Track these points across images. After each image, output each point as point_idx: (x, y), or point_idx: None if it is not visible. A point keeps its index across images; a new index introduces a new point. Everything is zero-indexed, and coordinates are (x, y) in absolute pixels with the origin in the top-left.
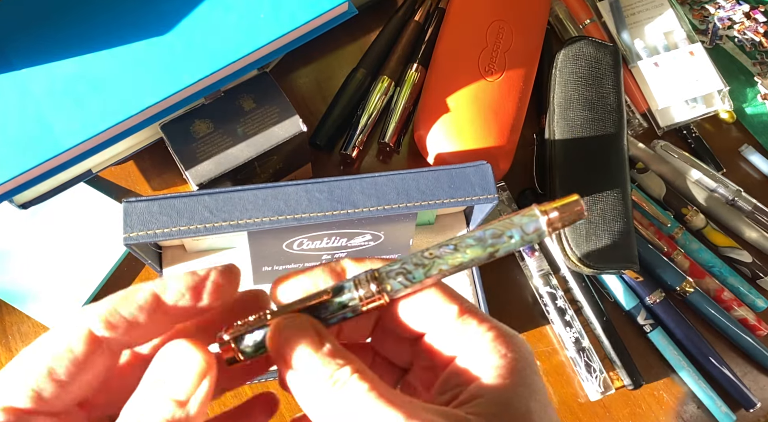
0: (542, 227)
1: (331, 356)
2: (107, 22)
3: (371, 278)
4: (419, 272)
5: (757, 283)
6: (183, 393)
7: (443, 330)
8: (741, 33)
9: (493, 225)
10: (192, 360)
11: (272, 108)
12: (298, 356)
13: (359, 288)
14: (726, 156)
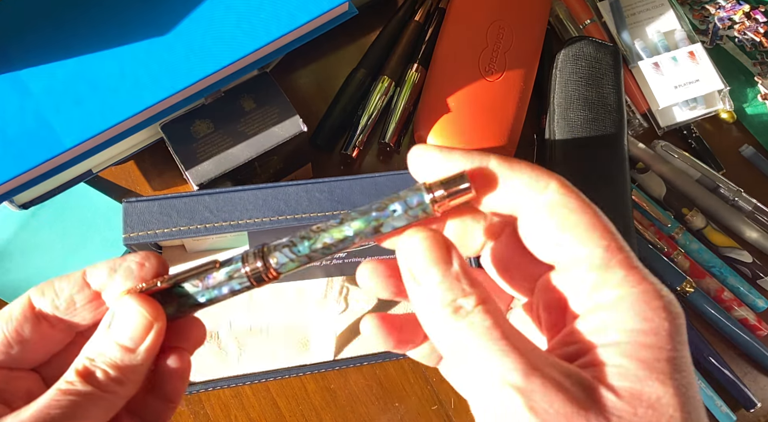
0: (425, 201)
1: (457, 279)
2: (107, 21)
3: (258, 253)
4: (304, 245)
5: (757, 283)
6: (131, 341)
7: (581, 268)
8: (741, 33)
9: (380, 200)
10: (136, 312)
11: (272, 108)
12: (424, 270)
13: (246, 264)
14: (726, 156)
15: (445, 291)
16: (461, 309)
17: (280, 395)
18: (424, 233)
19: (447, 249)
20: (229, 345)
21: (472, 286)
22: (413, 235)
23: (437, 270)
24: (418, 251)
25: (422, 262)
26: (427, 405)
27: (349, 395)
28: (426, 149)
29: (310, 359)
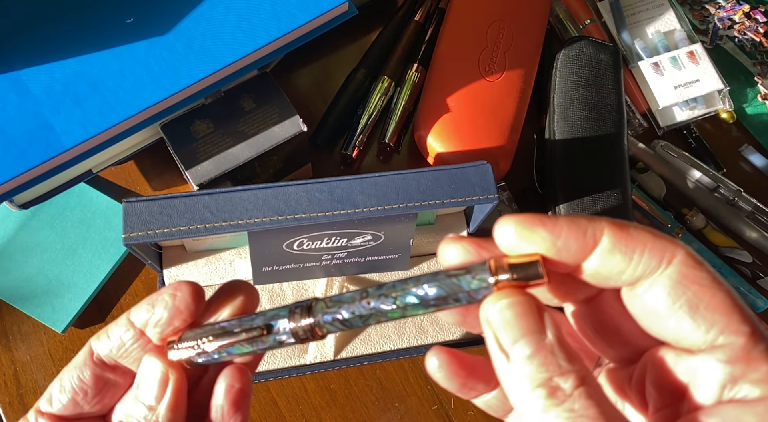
0: (486, 284)
1: (552, 352)
2: (107, 21)
3: (305, 312)
4: (356, 321)
5: (757, 283)
6: (152, 398)
7: (715, 356)
8: (741, 33)
9: (439, 280)
10: (155, 370)
11: (272, 108)
12: (512, 342)
13: (291, 320)
14: (726, 156)
15: (538, 368)
16: (558, 392)
17: (280, 395)
18: (511, 298)
19: (539, 316)
20: None
21: (571, 361)
22: (499, 300)
23: (528, 342)
24: (505, 319)
25: (510, 332)
26: (427, 405)
27: (349, 395)
28: (520, 221)
29: (310, 359)
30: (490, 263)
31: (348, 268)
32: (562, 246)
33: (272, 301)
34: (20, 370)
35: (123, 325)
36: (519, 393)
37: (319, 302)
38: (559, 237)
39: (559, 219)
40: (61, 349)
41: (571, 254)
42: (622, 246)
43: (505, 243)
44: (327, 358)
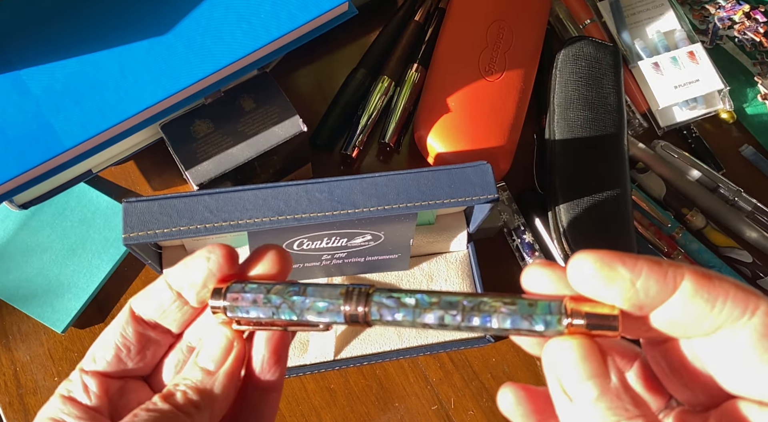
0: (557, 327)
1: (618, 396)
2: (107, 21)
3: (362, 296)
4: (407, 324)
5: (757, 283)
6: (212, 363)
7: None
8: (741, 33)
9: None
10: (221, 336)
11: (272, 108)
12: (577, 383)
13: (346, 303)
14: (726, 156)
15: (605, 411)
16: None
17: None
18: (575, 340)
19: (603, 359)
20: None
21: (637, 405)
22: (563, 342)
23: (594, 384)
24: (570, 361)
25: (575, 374)
26: (427, 405)
27: (349, 395)
28: (599, 258)
29: (310, 359)
30: (566, 306)
31: (348, 268)
32: (641, 288)
33: None
34: (20, 370)
35: (161, 286)
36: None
37: (377, 294)
38: (639, 277)
39: (640, 258)
40: (61, 349)
41: (650, 297)
42: (705, 292)
43: (581, 280)
44: (327, 358)
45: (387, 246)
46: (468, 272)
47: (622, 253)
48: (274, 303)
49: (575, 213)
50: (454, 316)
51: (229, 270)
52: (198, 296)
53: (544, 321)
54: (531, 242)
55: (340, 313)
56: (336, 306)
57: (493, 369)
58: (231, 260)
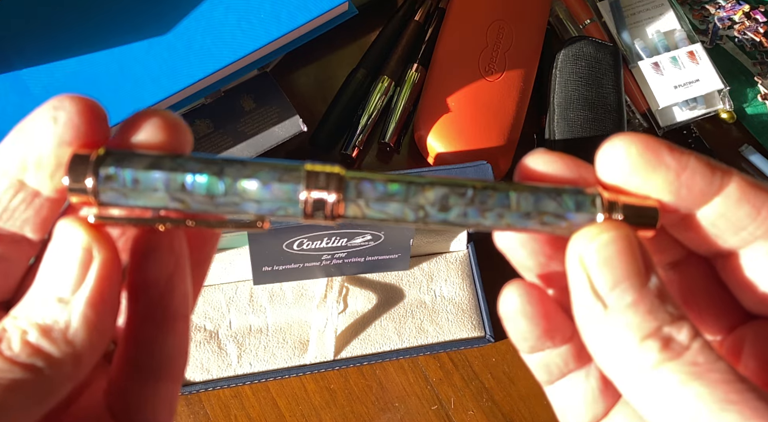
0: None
1: (659, 297)
2: (107, 22)
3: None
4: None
5: None
6: (65, 287)
7: None
8: (741, 33)
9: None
10: (70, 243)
11: (272, 108)
12: (612, 285)
13: (308, 200)
14: (726, 156)
15: (645, 315)
16: (673, 343)
17: (280, 395)
18: (613, 232)
19: (644, 255)
20: (229, 346)
21: (679, 309)
22: (598, 235)
23: (631, 285)
24: (603, 258)
25: (610, 274)
26: (427, 405)
27: (349, 395)
28: (644, 142)
29: (310, 359)
30: (602, 195)
31: (348, 268)
32: (686, 182)
33: (272, 301)
34: None
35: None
36: (619, 350)
37: (353, 184)
38: (685, 169)
39: (686, 151)
40: None
41: (693, 195)
42: (752, 195)
43: (618, 165)
44: (327, 358)
45: (387, 246)
46: (468, 272)
47: (667, 142)
48: (183, 183)
49: None
50: (463, 195)
51: (95, 132)
52: (52, 178)
53: (576, 203)
54: None
55: (296, 203)
56: (290, 193)
57: (493, 369)
58: (92, 118)
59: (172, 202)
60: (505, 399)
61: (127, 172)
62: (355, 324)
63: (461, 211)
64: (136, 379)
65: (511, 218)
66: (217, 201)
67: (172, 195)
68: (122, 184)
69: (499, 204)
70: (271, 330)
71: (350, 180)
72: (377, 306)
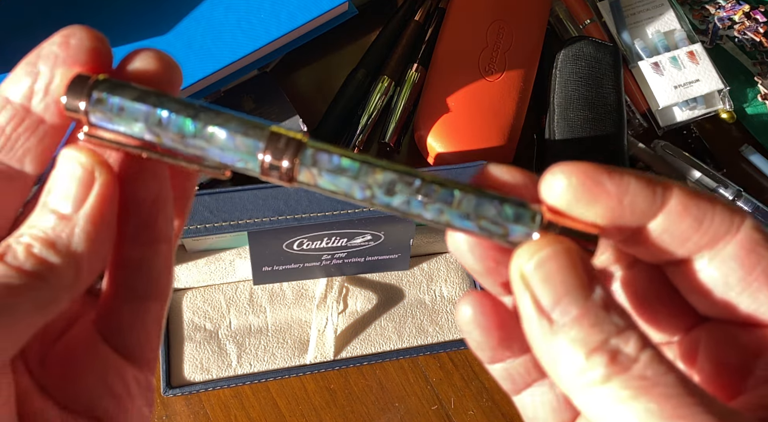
0: (527, 233)
1: (604, 309)
2: (107, 21)
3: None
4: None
5: None
6: (67, 203)
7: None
8: (741, 33)
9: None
10: (74, 165)
11: (272, 108)
12: (556, 301)
13: (267, 155)
14: (726, 156)
15: (590, 330)
16: (620, 356)
17: (280, 395)
18: (552, 247)
19: (585, 268)
20: (229, 346)
21: (625, 318)
22: (538, 251)
23: (574, 299)
24: (545, 274)
25: (553, 289)
26: (427, 405)
27: (349, 395)
28: (583, 170)
29: (310, 359)
30: (544, 214)
31: (348, 268)
32: (628, 206)
33: (272, 301)
34: None
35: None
36: (567, 366)
37: (311, 147)
38: (626, 193)
39: (625, 172)
40: None
41: (636, 215)
42: (692, 209)
43: (561, 195)
44: (327, 358)
45: (387, 246)
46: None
47: (607, 166)
48: (159, 119)
49: None
50: (410, 184)
51: (99, 62)
52: (57, 106)
53: (515, 214)
54: None
55: (255, 157)
56: (251, 148)
57: None
58: (99, 46)
59: (148, 134)
60: (505, 399)
61: (116, 99)
62: (355, 324)
63: (405, 199)
64: (126, 299)
65: (450, 216)
66: (186, 141)
67: (149, 127)
68: (109, 108)
69: (442, 199)
70: (271, 331)
71: (309, 148)
72: (377, 306)
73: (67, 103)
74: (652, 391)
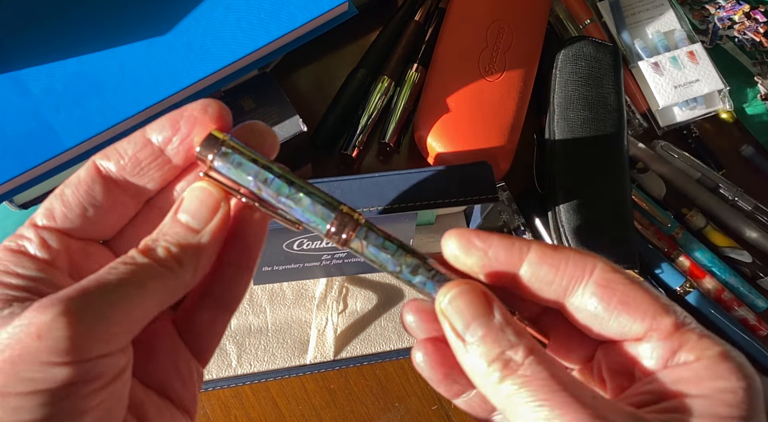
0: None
1: (501, 330)
2: (107, 21)
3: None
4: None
5: (757, 283)
6: (196, 221)
7: (652, 337)
8: (741, 33)
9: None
10: (208, 194)
11: (272, 108)
12: (465, 327)
13: (334, 225)
14: (726, 156)
15: (491, 346)
16: (511, 363)
17: (280, 395)
18: (458, 288)
19: (486, 300)
20: (229, 346)
21: (518, 336)
22: (449, 291)
23: (479, 324)
24: (457, 307)
25: (463, 318)
26: (427, 405)
27: (349, 395)
28: (459, 234)
29: (310, 359)
30: (434, 269)
31: (348, 268)
32: (493, 256)
33: (272, 301)
34: None
35: (138, 142)
36: (478, 373)
37: (365, 230)
38: (490, 247)
39: (493, 235)
40: None
41: (501, 263)
42: (548, 258)
43: (449, 251)
44: (327, 358)
45: None
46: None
47: (479, 230)
48: (266, 178)
49: (575, 213)
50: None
51: (223, 126)
52: (186, 155)
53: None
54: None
55: (325, 225)
56: (324, 216)
57: None
58: (225, 115)
59: (253, 186)
60: None
61: (237, 157)
62: (355, 324)
63: (422, 280)
64: (209, 307)
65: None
66: (279, 199)
67: (256, 182)
68: (231, 161)
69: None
70: (271, 331)
71: (363, 226)
72: (377, 306)
73: (200, 152)
74: (531, 384)
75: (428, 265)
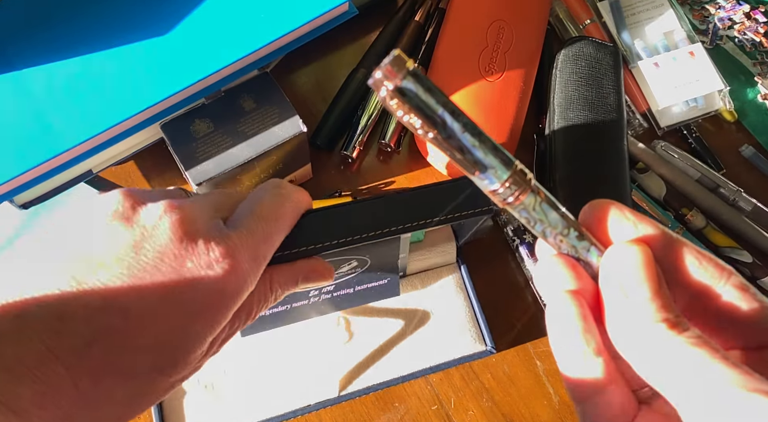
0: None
1: (671, 300)
2: (107, 22)
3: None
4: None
5: (757, 283)
6: (646, 291)
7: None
8: (741, 33)
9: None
10: (633, 255)
11: (272, 108)
12: (636, 284)
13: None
14: (726, 156)
15: (660, 308)
16: (680, 325)
17: None
18: (638, 246)
19: (658, 271)
20: (227, 395)
21: (681, 313)
22: (627, 248)
23: (650, 286)
24: (632, 263)
25: (635, 276)
26: (427, 405)
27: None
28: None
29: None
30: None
31: (339, 303)
32: (642, 231)
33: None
34: None
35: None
36: (636, 328)
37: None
38: (640, 221)
39: (639, 213)
40: None
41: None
42: (693, 249)
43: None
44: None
45: (374, 272)
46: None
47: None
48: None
49: (575, 213)
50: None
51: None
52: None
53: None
54: (531, 242)
55: (506, 171)
56: (506, 162)
57: (493, 369)
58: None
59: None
60: (505, 399)
61: (428, 81)
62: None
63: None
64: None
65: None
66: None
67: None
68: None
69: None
70: (268, 374)
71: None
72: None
73: (389, 67)
74: (696, 346)
75: (587, 234)
